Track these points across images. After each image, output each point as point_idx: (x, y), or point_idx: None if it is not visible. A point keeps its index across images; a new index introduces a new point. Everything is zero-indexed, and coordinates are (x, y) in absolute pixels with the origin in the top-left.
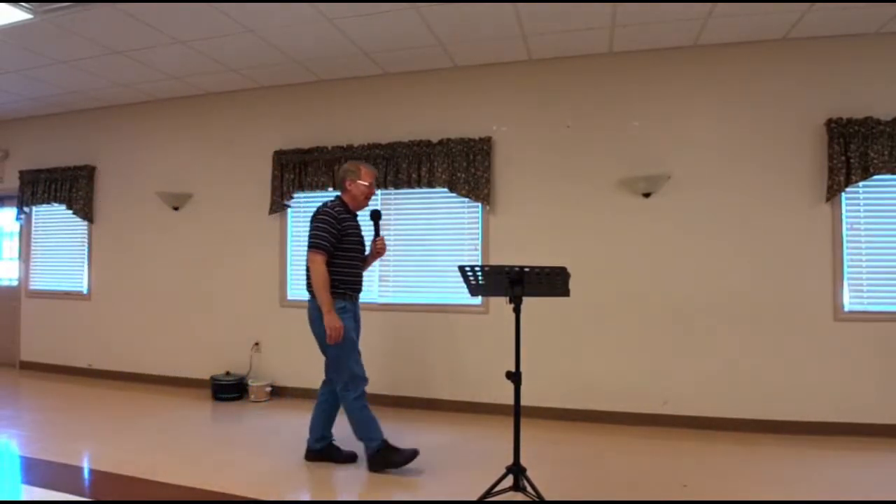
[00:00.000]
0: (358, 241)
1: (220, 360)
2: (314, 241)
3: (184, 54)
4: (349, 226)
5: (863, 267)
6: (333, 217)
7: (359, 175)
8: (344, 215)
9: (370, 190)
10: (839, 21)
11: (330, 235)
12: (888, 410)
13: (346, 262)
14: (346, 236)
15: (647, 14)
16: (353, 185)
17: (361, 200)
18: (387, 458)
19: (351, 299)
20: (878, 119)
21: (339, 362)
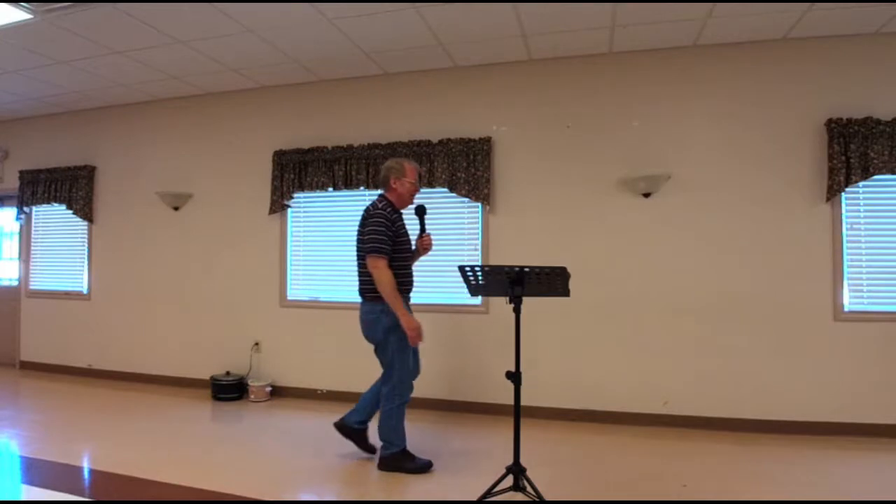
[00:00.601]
0: (406, 239)
1: (221, 361)
2: (374, 246)
3: (184, 54)
4: (400, 225)
5: (863, 267)
6: (386, 218)
7: (403, 172)
8: (394, 215)
9: (415, 187)
10: (839, 21)
11: (387, 237)
12: (889, 410)
13: (400, 262)
14: (398, 236)
15: (647, 14)
16: (398, 182)
17: (407, 198)
18: (399, 463)
19: (407, 301)
20: (879, 119)
21: (391, 367)
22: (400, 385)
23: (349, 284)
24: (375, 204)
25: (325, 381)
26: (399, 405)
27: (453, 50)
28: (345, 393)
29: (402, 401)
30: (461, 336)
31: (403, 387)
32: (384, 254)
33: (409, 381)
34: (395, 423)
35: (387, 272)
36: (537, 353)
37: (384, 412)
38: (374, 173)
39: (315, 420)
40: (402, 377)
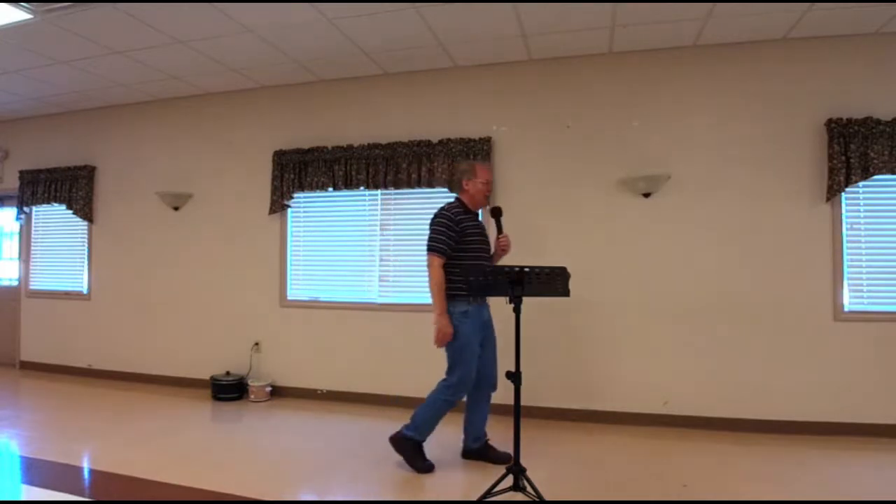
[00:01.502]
0: (480, 240)
1: (221, 360)
2: (430, 244)
3: (183, 54)
4: (469, 226)
5: (863, 267)
6: (450, 219)
7: (474, 173)
8: (462, 216)
9: (487, 188)
10: (839, 21)
11: (447, 238)
12: (889, 410)
13: (469, 263)
14: (466, 237)
15: (646, 14)
16: (469, 184)
17: (480, 199)
18: (408, 451)
19: (475, 302)
20: (878, 119)
21: (452, 364)
22: (458, 385)
23: (349, 284)
24: (444, 206)
25: (325, 381)
26: (446, 401)
27: (453, 50)
28: (345, 393)
29: (452, 398)
30: None
31: (459, 388)
32: (439, 253)
33: (466, 385)
34: (432, 414)
35: (437, 271)
36: (537, 353)
37: (431, 397)
38: (374, 173)
39: (315, 420)
40: (462, 379)
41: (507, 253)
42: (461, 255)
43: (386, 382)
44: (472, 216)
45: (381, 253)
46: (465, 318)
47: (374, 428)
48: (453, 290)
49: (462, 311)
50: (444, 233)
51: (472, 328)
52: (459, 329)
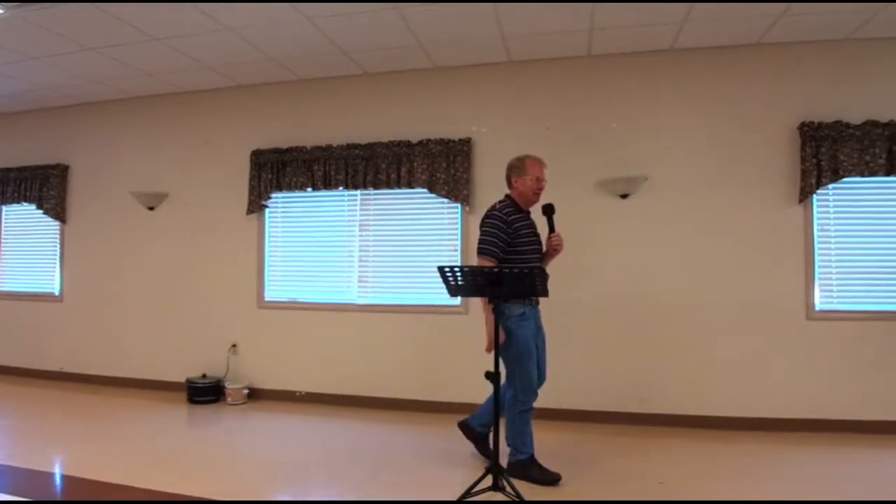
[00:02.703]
0: (533, 240)
1: (196, 363)
2: (481, 247)
3: (159, 52)
4: (521, 225)
5: (833, 267)
6: (501, 219)
7: (523, 170)
8: (514, 215)
9: (538, 184)
10: (811, 27)
11: (498, 239)
12: (858, 407)
13: (521, 264)
14: (518, 237)
15: (624, 18)
16: (518, 181)
17: (530, 196)
18: (527, 472)
19: (531, 304)
20: (848, 123)
21: (511, 369)
22: (522, 392)
23: (328, 285)
24: (494, 204)
25: (303, 383)
26: (521, 412)
27: (433, 50)
28: (324, 395)
29: (524, 407)
30: (440, 337)
31: (526, 393)
32: (491, 255)
33: (532, 387)
34: (519, 428)
35: None
36: None
37: (508, 418)
38: (353, 173)
39: (294, 423)
40: (524, 384)
41: (560, 252)
42: (514, 257)
43: (366, 384)
44: (524, 214)
45: (361, 254)
46: (522, 321)
47: (353, 430)
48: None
49: (519, 313)
50: (495, 234)
51: (531, 331)
52: (517, 332)
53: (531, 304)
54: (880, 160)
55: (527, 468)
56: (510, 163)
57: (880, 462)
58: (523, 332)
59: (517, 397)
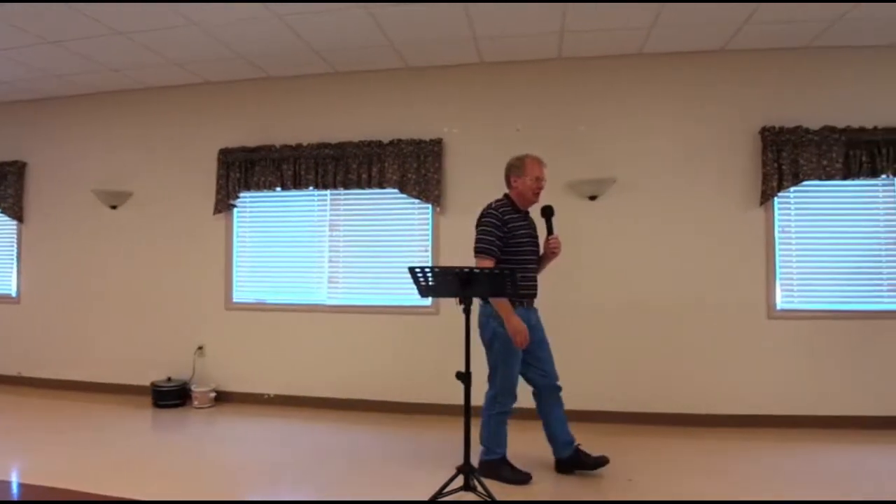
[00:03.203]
0: (528, 241)
1: (162, 366)
2: (479, 246)
3: (124, 46)
4: (517, 226)
5: (793, 268)
6: (497, 218)
7: (522, 170)
8: (510, 215)
9: (538, 184)
10: (773, 34)
11: (495, 238)
12: (818, 402)
13: (516, 265)
14: (512, 237)
15: (594, 22)
16: (517, 181)
17: (529, 197)
18: (498, 471)
19: (522, 305)
20: (808, 128)
21: (495, 370)
22: (502, 394)
23: (297, 286)
24: (491, 203)
25: (272, 385)
26: (498, 413)
27: (405, 50)
28: (293, 397)
29: (502, 409)
30: (411, 337)
31: (505, 395)
32: (490, 255)
33: (511, 388)
34: (494, 429)
35: None
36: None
37: (484, 418)
38: (324, 173)
39: (262, 426)
40: (504, 386)
41: (557, 255)
42: (509, 258)
43: (335, 386)
44: (521, 215)
45: (331, 254)
46: None
47: (322, 432)
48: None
49: None
50: (491, 232)
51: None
52: (501, 335)
53: (522, 306)
54: (837, 164)
55: (498, 468)
56: (509, 162)
57: (837, 455)
58: (507, 335)
59: (497, 399)
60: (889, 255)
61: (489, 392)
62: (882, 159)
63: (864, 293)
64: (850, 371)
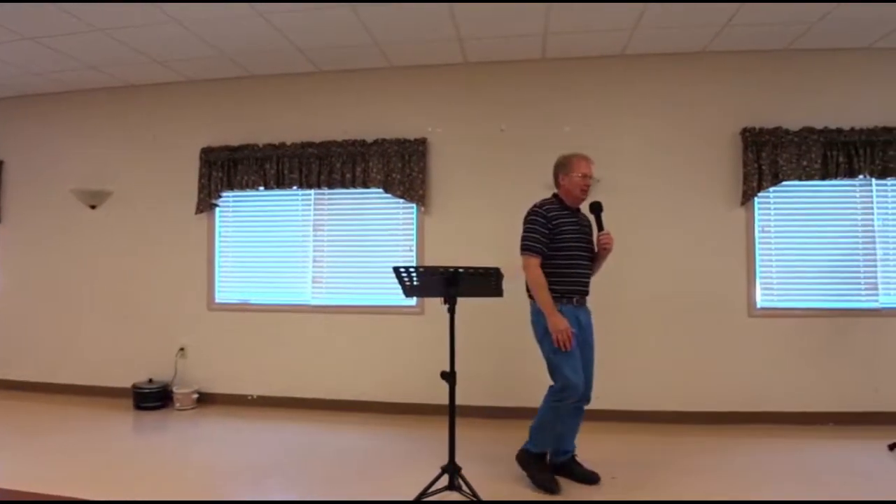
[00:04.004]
0: (577, 238)
1: (143, 368)
2: (523, 244)
3: (104, 43)
4: (564, 223)
5: (773, 266)
6: (542, 216)
7: (569, 168)
8: (556, 212)
9: (584, 181)
10: (753, 37)
11: (540, 235)
12: (795, 399)
13: (563, 262)
14: (559, 234)
15: (577, 23)
16: (564, 178)
17: (577, 194)
18: (533, 466)
19: (570, 303)
20: (787, 129)
21: (552, 367)
22: (565, 389)
23: (281, 286)
24: (537, 202)
25: (256, 386)
26: (552, 406)
27: (389, 50)
28: (277, 398)
29: (559, 403)
30: (396, 337)
31: (567, 391)
32: (534, 252)
33: (576, 382)
34: (546, 420)
35: (535, 271)
36: (471, 353)
37: (542, 409)
38: (307, 173)
39: (246, 428)
40: (567, 381)
41: (610, 251)
42: (553, 254)
43: (320, 386)
44: (570, 212)
45: (315, 254)
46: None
47: (307, 433)
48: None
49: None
50: (536, 230)
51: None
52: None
53: (570, 304)
54: (816, 165)
55: (530, 462)
56: (556, 161)
57: (814, 451)
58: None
59: (556, 396)
60: (866, 255)
61: (554, 385)
62: (859, 160)
63: (842, 291)
64: (826, 368)
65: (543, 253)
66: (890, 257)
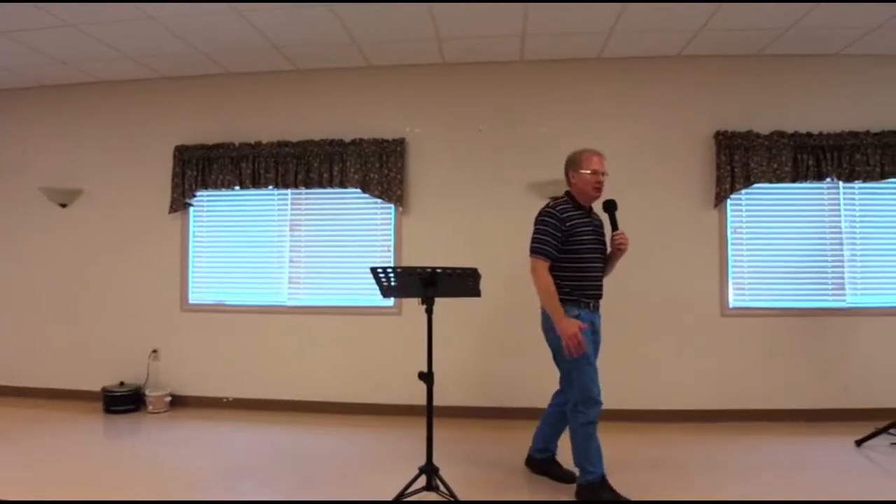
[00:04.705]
0: (591, 239)
1: (114, 370)
2: (533, 246)
3: (76, 39)
4: (577, 224)
5: (745, 267)
6: (555, 217)
7: (578, 164)
8: (570, 212)
9: (596, 178)
10: (726, 42)
11: (551, 238)
12: (769, 397)
13: (577, 264)
14: (573, 236)
15: (555, 26)
16: (575, 176)
17: (589, 192)
18: (598, 495)
19: (586, 307)
20: (758, 133)
21: (569, 378)
22: (584, 401)
23: (257, 287)
24: (549, 202)
25: (231, 388)
26: (584, 423)
27: (367, 49)
28: (253, 400)
29: (586, 419)
30: (373, 338)
31: (587, 403)
32: (543, 255)
33: (595, 394)
34: (584, 441)
35: (543, 275)
36: (449, 353)
37: (572, 431)
38: (284, 172)
39: (221, 430)
40: (583, 393)
41: (625, 252)
42: (566, 256)
43: (296, 388)
44: (583, 212)
45: (292, 254)
46: None
47: (283, 435)
48: (562, 295)
49: (574, 315)
50: (548, 232)
51: (585, 334)
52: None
53: (588, 308)
54: (786, 168)
55: (598, 491)
56: (567, 158)
57: (787, 447)
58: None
59: (577, 408)
60: (833, 255)
61: (569, 404)
62: (827, 163)
63: (811, 291)
64: (797, 366)
65: (553, 256)
66: (856, 258)
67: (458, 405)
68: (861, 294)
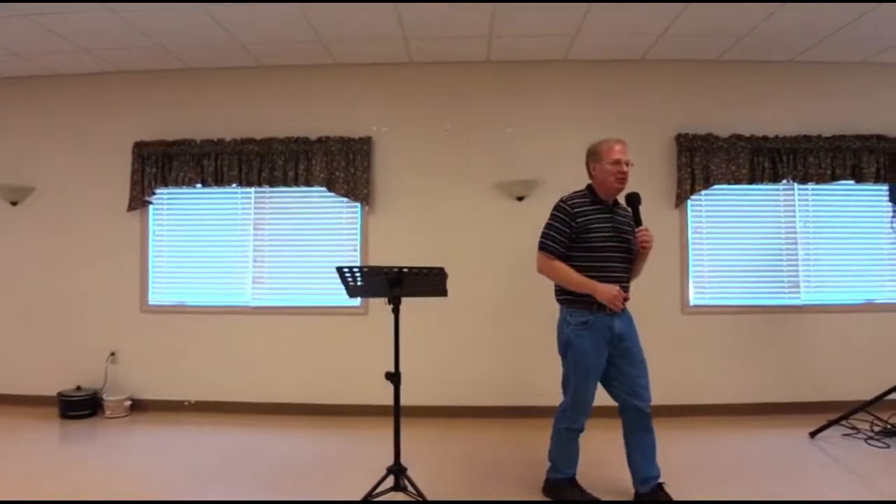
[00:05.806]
0: (610, 236)
1: (70, 374)
2: (540, 241)
3: (26, 28)
4: (592, 219)
5: (704, 266)
6: (565, 212)
7: (599, 155)
8: (583, 207)
9: (617, 168)
10: (688, 47)
11: (558, 233)
12: (727, 392)
13: (591, 263)
14: (586, 231)
15: (521, 27)
16: (596, 167)
17: (612, 183)
18: (563, 492)
19: (601, 311)
20: (717, 136)
21: (567, 381)
22: (572, 408)
23: (220, 287)
24: (566, 194)
25: (193, 391)
26: (567, 429)
27: (334, 47)
28: (215, 403)
29: (572, 425)
30: (340, 338)
31: (576, 410)
32: (549, 252)
33: (584, 403)
34: (562, 445)
35: (550, 266)
36: (416, 352)
37: (553, 430)
38: (248, 170)
39: (183, 434)
40: (576, 400)
41: (649, 250)
42: (581, 255)
43: (261, 390)
44: (603, 206)
45: (255, 254)
46: (583, 331)
47: (247, 438)
48: (572, 296)
49: (580, 321)
50: (555, 227)
51: (593, 343)
52: (575, 343)
53: (601, 312)
54: (744, 170)
55: (564, 489)
56: (587, 150)
57: (744, 440)
58: (581, 344)
59: (567, 412)
60: (789, 255)
61: (562, 404)
62: (783, 166)
63: (767, 289)
64: (754, 362)
65: (559, 254)
66: (810, 257)
67: (427, 405)
68: (815, 292)
